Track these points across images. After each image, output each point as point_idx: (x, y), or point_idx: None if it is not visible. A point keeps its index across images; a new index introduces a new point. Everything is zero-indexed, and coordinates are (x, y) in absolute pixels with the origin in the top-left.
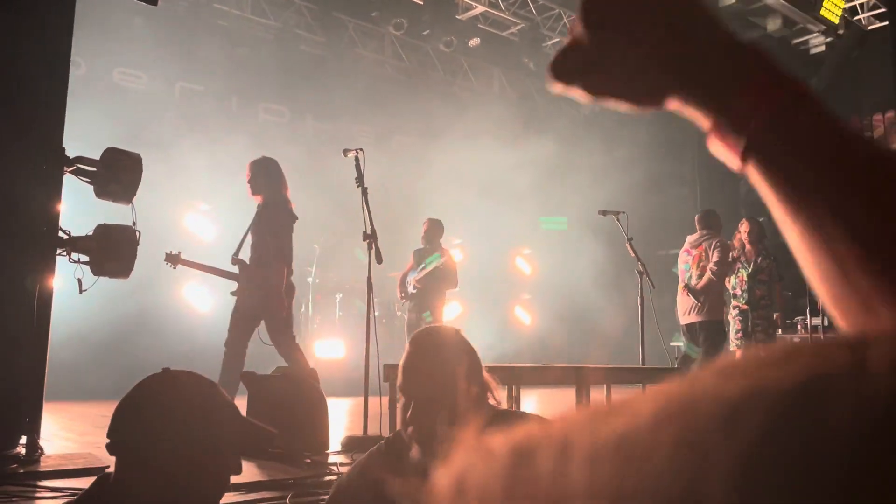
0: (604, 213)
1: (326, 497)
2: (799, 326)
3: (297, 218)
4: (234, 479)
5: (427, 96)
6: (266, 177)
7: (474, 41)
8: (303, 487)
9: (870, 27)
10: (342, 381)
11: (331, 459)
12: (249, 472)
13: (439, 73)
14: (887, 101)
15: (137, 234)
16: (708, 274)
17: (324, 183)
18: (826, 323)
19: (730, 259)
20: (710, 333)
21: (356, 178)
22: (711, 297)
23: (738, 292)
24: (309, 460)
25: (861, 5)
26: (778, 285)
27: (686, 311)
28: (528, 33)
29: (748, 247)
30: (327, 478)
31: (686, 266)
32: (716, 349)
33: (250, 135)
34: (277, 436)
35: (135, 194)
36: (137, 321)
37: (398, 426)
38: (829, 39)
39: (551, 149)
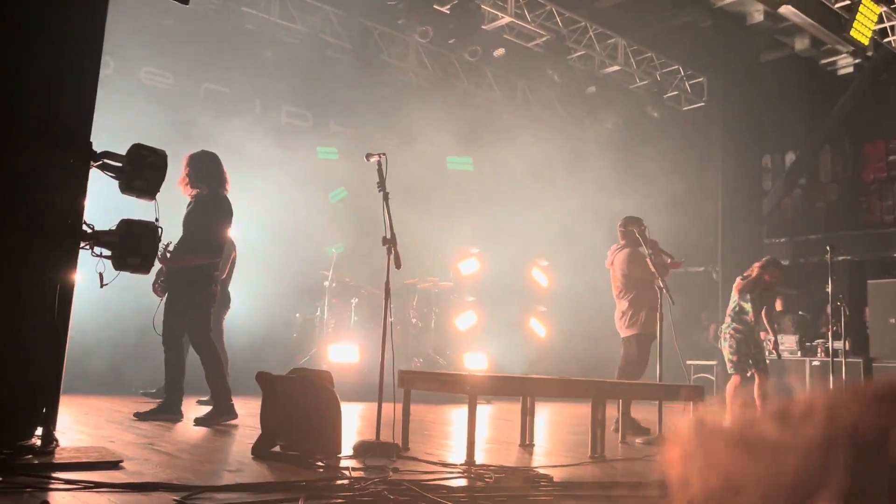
0: (625, 226)
1: (338, 500)
2: (819, 350)
3: (232, 213)
4: (243, 480)
5: (450, 105)
6: (204, 171)
7: (499, 51)
8: (314, 491)
9: None
10: (356, 386)
11: (343, 464)
12: (260, 472)
13: (463, 83)
14: None
15: (160, 230)
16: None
17: (345, 187)
18: (847, 347)
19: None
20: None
21: (378, 183)
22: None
23: (749, 318)
24: (321, 463)
25: (892, 27)
26: (769, 312)
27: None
28: (554, 45)
29: (769, 285)
30: (339, 482)
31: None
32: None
33: (273, 137)
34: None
35: (158, 191)
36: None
37: None
38: (857, 61)
39: (573, 161)
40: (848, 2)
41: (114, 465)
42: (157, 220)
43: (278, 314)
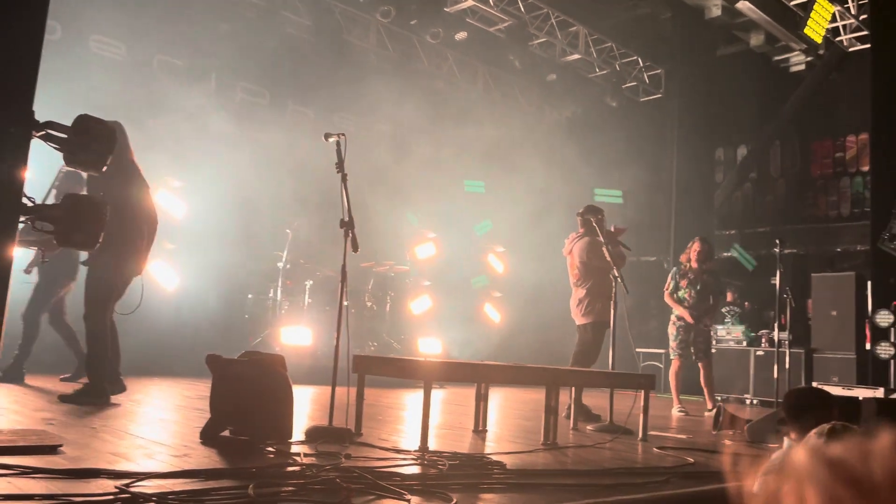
0: (581, 214)
1: (289, 488)
2: (763, 341)
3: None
4: (190, 466)
5: (410, 87)
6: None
7: (461, 35)
8: (265, 477)
9: (851, 49)
10: (309, 370)
11: (294, 449)
12: (208, 458)
13: (424, 65)
14: (862, 124)
15: (106, 206)
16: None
17: (300, 168)
18: (790, 337)
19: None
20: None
21: (336, 164)
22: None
23: (687, 305)
24: (272, 449)
25: (844, 27)
26: (717, 300)
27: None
28: (516, 31)
29: (694, 265)
30: (290, 468)
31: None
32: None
33: (228, 114)
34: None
35: (106, 164)
36: None
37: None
38: (809, 59)
39: (531, 148)
40: (803, 0)
41: (52, 449)
42: (102, 194)
43: (230, 295)
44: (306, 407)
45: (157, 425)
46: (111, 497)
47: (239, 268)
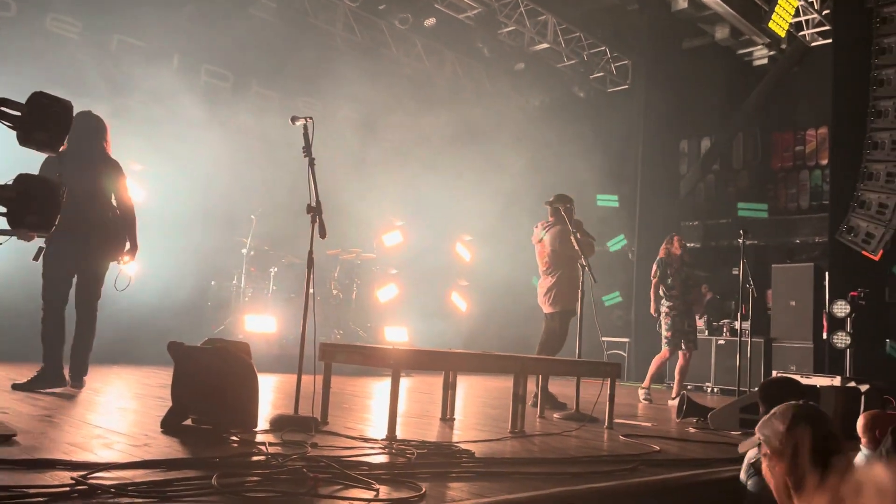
0: (550, 203)
1: (254, 477)
2: (725, 330)
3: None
4: (150, 456)
5: (377, 73)
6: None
7: (430, 21)
8: (229, 467)
9: (813, 44)
10: (273, 358)
11: (259, 438)
12: (170, 447)
13: (392, 51)
14: (822, 118)
15: (63, 188)
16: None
17: (265, 152)
18: (749, 327)
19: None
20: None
21: (303, 148)
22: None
23: (677, 294)
24: (236, 438)
25: (806, 21)
26: (698, 290)
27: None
28: (485, 19)
29: (676, 253)
30: (255, 458)
31: None
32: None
33: (190, 97)
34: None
35: (62, 144)
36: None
37: None
38: (772, 53)
39: (499, 138)
40: None
41: (6, 438)
42: (59, 175)
43: (192, 281)
44: (271, 395)
45: (117, 414)
46: (67, 489)
47: (201, 254)
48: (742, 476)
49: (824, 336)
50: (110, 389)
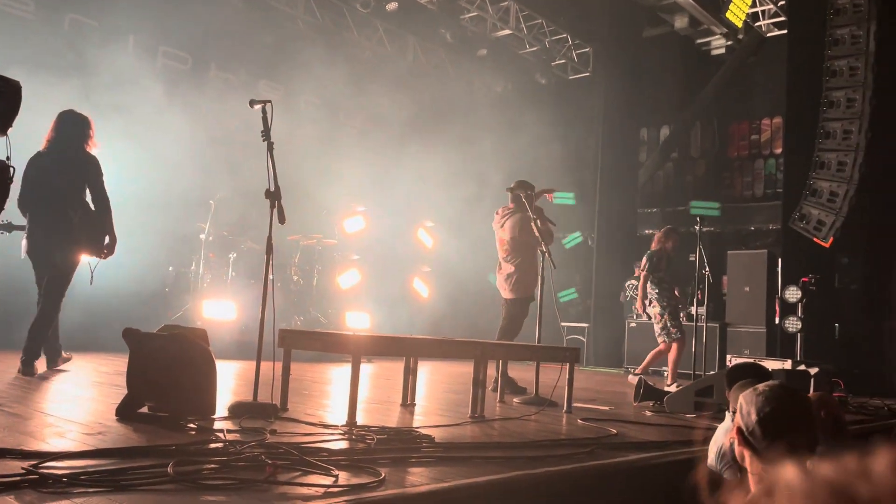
0: (512, 190)
1: (211, 465)
2: (682, 315)
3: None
4: (105, 445)
5: (338, 57)
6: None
7: (392, 5)
8: (186, 455)
9: (769, 34)
10: (232, 344)
11: (217, 425)
12: (125, 436)
13: (353, 35)
14: (776, 108)
15: (11, 170)
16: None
17: (224, 136)
18: (704, 313)
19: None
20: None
21: (262, 132)
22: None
23: (666, 287)
24: (194, 425)
25: (763, 12)
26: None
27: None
28: (447, 4)
29: (668, 249)
30: (213, 445)
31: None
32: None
33: (147, 78)
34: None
35: (10, 125)
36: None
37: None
38: (729, 43)
39: (461, 125)
40: None
41: None
42: (8, 158)
43: (148, 267)
44: (230, 382)
45: (70, 402)
46: (18, 478)
47: (158, 239)
48: (712, 462)
49: (776, 321)
50: (64, 377)
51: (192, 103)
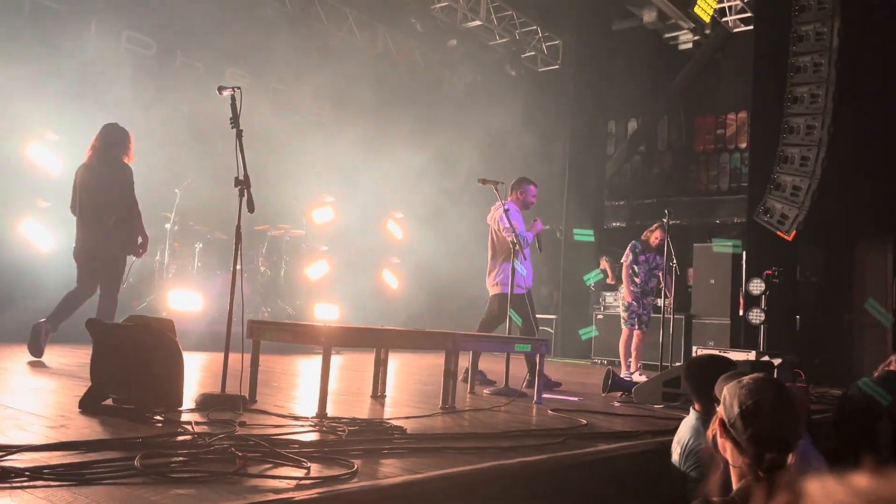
0: (483, 181)
1: (179, 458)
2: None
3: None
4: (68, 438)
5: (308, 46)
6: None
7: None
8: (153, 447)
9: (735, 30)
10: (199, 335)
11: (184, 418)
12: (92, 429)
13: (322, 23)
14: (742, 103)
15: None
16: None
17: (190, 123)
18: (674, 305)
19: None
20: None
21: (231, 119)
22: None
23: (639, 281)
24: (160, 418)
25: (729, 8)
26: (665, 278)
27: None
28: None
29: (652, 245)
30: (180, 437)
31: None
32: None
33: (110, 63)
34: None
35: None
36: None
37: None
38: (696, 38)
39: (431, 115)
40: None
41: None
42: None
43: None
44: (197, 374)
45: (30, 395)
46: None
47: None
48: (676, 460)
49: (741, 312)
50: (24, 369)
51: (157, 89)
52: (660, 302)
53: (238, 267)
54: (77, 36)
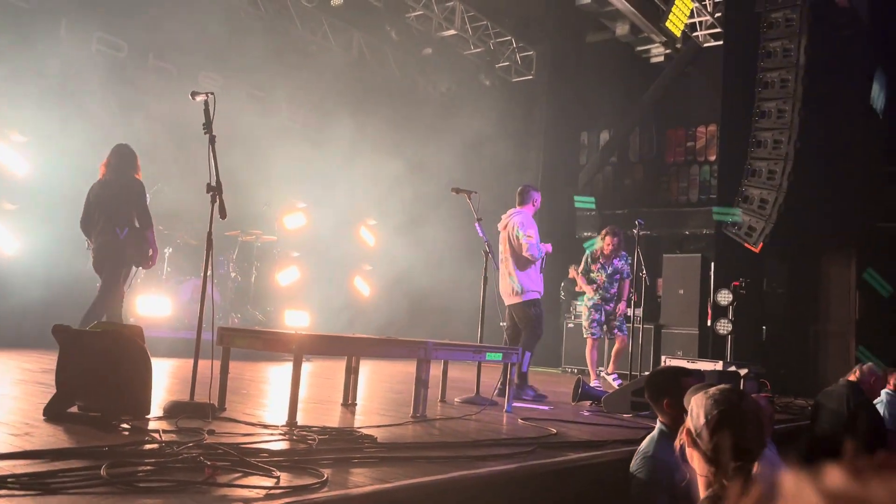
0: (457, 191)
1: (147, 467)
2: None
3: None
4: (32, 446)
5: (282, 51)
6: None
7: (337, 0)
8: (119, 456)
9: (705, 45)
10: (167, 342)
11: (152, 426)
12: (57, 437)
13: (297, 29)
14: (711, 116)
15: None
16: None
17: (161, 127)
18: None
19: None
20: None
21: (203, 125)
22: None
23: (596, 287)
24: (127, 426)
25: (700, 23)
26: (626, 282)
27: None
28: (393, 2)
29: (606, 252)
30: (148, 446)
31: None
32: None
33: (80, 65)
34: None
35: None
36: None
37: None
38: (668, 51)
39: (405, 123)
40: None
41: None
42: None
43: (80, 261)
44: (166, 381)
45: None
46: None
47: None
48: (633, 465)
49: (709, 323)
50: None
51: (129, 92)
52: (630, 311)
53: (209, 272)
54: (47, 36)
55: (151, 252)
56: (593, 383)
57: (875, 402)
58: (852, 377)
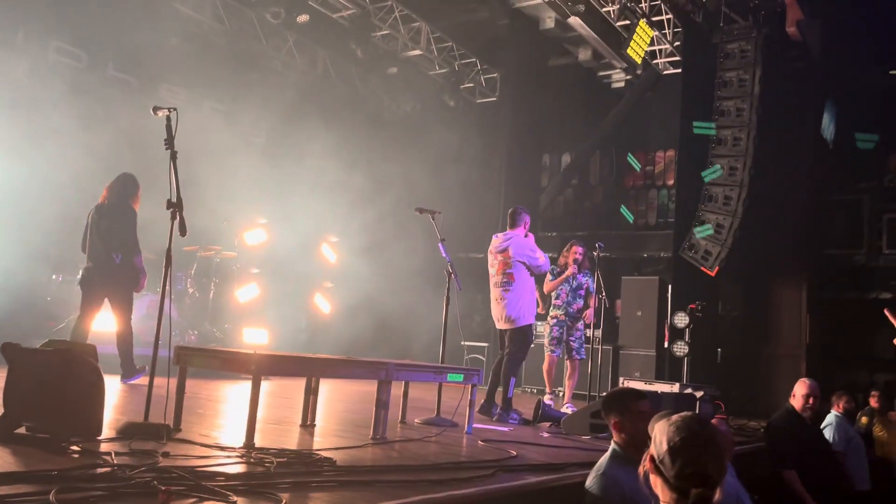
0: (420, 210)
1: (98, 492)
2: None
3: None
4: None
5: (246, 67)
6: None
7: (303, 17)
8: (69, 480)
9: (665, 72)
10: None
11: (104, 448)
12: (3, 460)
13: (262, 45)
14: (670, 141)
15: None
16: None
17: (119, 140)
18: (600, 335)
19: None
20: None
21: (165, 140)
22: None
23: (560, 303)
24: (77, 448)
25: (660, 51)
26: (593, 297)
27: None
28: (359, 20)
29: (571, 267)
30: (98, 470)
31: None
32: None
33: (38, 76)
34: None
35: None
36: None
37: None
38: (629, 77)
39: (368, 141)
40: (627, 22)
41: None
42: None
43: (30, 275)
44: (118, 401)
45: None
46: None
47: (42, 246)
48: (588, 482)
49: (666, 345)
50: None
51: (86, 104)
52: (589, 332)
53: (167, 288)
54: (3, 45)
55: (141, 276)
56: (546, 398)
57: (822, 425)
58: (836, 409)
